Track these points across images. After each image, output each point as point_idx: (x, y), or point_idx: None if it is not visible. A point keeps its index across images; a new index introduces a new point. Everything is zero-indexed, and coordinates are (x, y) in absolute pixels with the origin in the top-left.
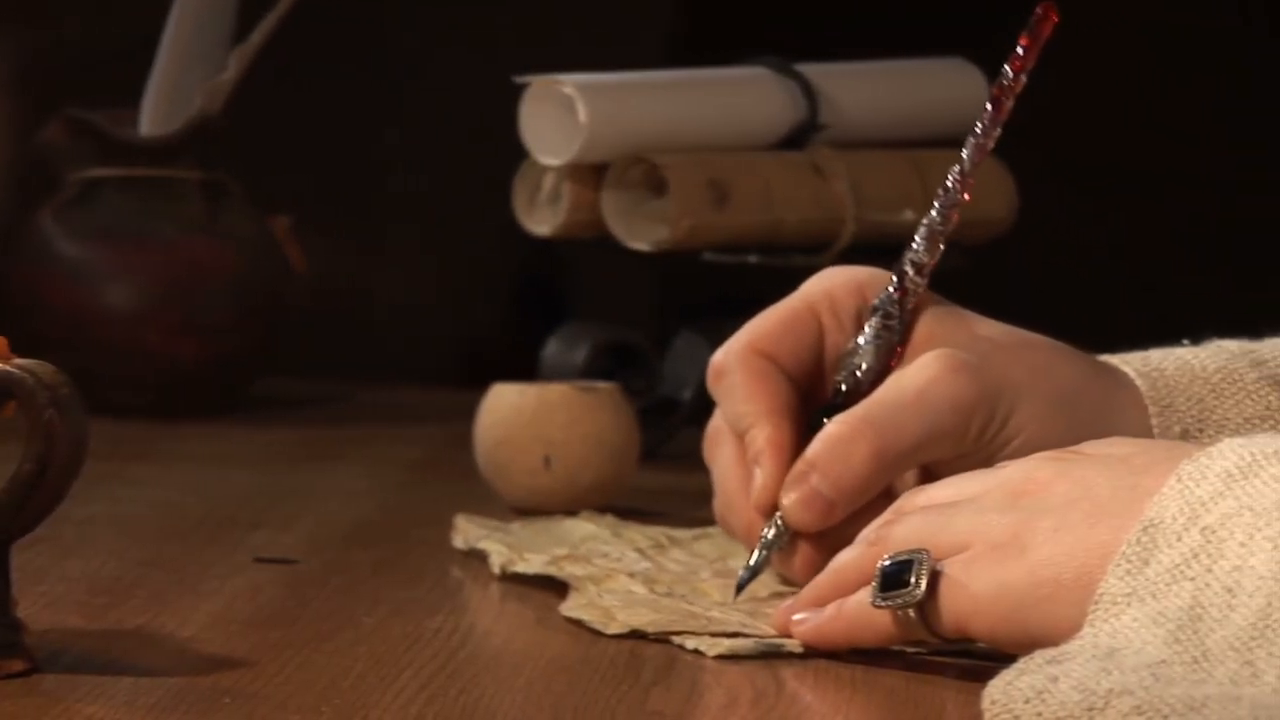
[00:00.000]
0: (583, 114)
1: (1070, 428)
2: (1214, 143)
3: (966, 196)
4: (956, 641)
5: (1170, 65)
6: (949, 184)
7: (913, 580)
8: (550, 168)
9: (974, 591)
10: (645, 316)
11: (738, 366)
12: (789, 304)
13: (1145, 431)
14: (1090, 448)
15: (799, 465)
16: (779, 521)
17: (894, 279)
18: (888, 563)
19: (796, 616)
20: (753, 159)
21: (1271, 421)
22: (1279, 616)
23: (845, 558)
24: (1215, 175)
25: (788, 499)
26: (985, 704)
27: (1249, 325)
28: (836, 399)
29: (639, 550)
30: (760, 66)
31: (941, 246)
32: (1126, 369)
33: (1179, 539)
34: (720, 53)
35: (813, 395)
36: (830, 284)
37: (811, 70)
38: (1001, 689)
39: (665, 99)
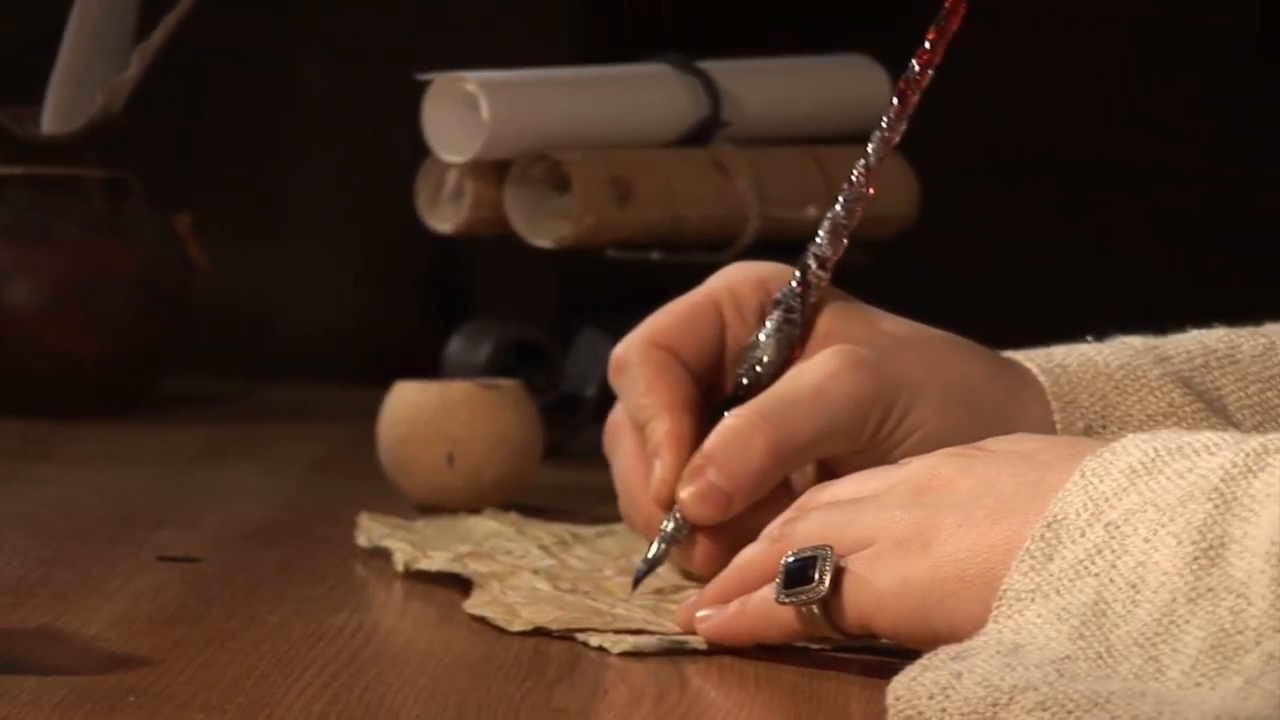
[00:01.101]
0: (485, 111)
1: (972, 423)
2: (1199, 138)
3: (871, 190)
4: (860, 638)
5: (1155, 61)
6: (854, 178)
7: (816, 577)
8: (453, 165)
9: (878, 588)
10: (548, 314)
11: (638, 359)
12: (691, 298)
13: (1048, 427)
14: (994, 444)
15: (696, 459)
16: (677, 515)
17: (796, 273)
18: (791, 559)
19: (700, 613)
20: (655, 156)
21: (1175, 418)
22: (1183, 612)
23: (748, 554)
24: (1200, 171)
25: (685, 493)
26: (889, 700)
27: (1229, 321)
28: (737, 393)
29: (543, 547)
30: (662, 64)
31: (845, 241)
32: (1030, 365)
33: (1083, 535)
34: (623, 50)
35: (714, 389)
36: (733, 279)
37: (714, 67)
38: (905, 685)
39: (568, 96)
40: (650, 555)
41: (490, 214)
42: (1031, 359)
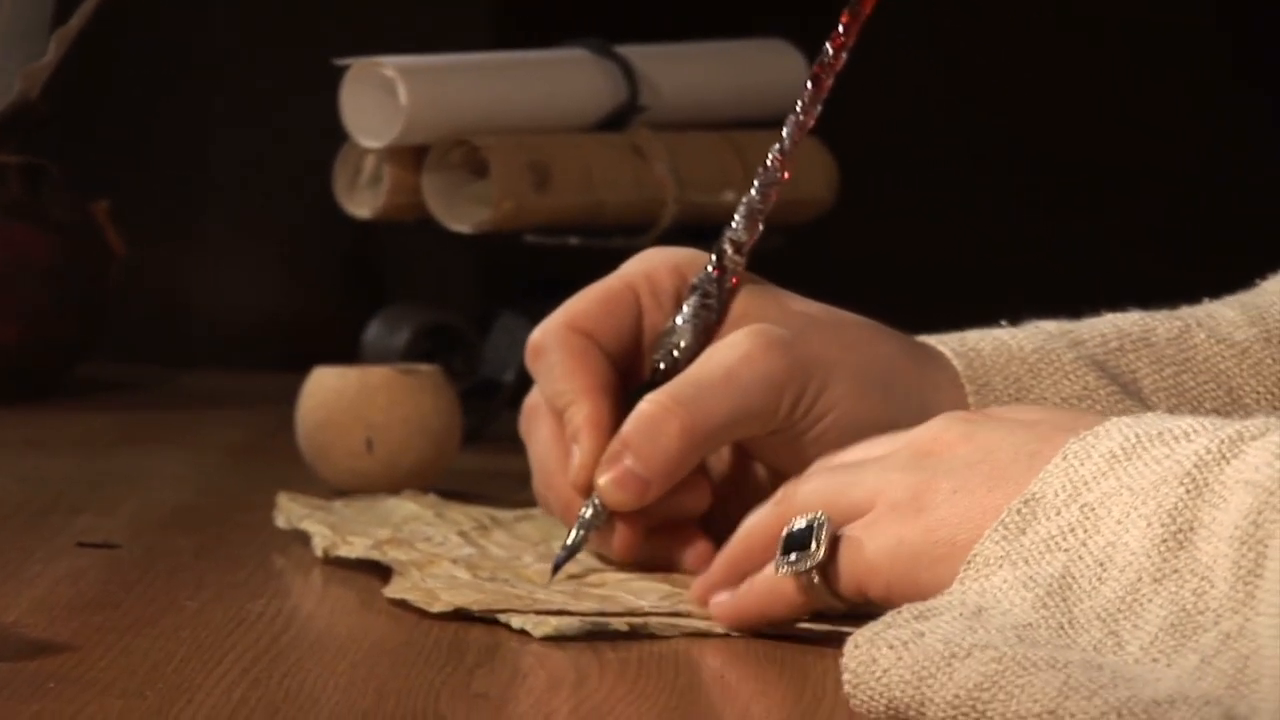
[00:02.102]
0: (403, 96)
1: (885, 405)
2: (1117, 121)
3: (786, 175)
4: (863, 607)
5: (1076, 45)
6: (768, 163)
7: (814, 544)
8: (371, 150)
9: (872, 550)
10: (467, 299)
11: (556, 344)
12: (608, 283)
13: (962, 410)
14: (1000, 410)
15: (613, 445)
16: (596, 501)
17: (712, 258)
18: (790, 530)
19: (715, 599)
20: (573, 141)
21: (1089, 401)
22: (1147, 591)
23: (752, 521)
24: (1117, 154)
25: (603, 479)
26: (847, 648)
27: (1143, 303)
28: (654, 378)
29: (462, 533)
30: (580, 49)
31: (760, 226)
32: (943, 349)
33: (1058, 513)
34: (541, 35)
35: (631, 374)
36: (649, 264)
37: (631, 52)
38: (867, 637)
39: (486, 81)
40: (569, 542)
41: (408, 199)
42: (945, 343)
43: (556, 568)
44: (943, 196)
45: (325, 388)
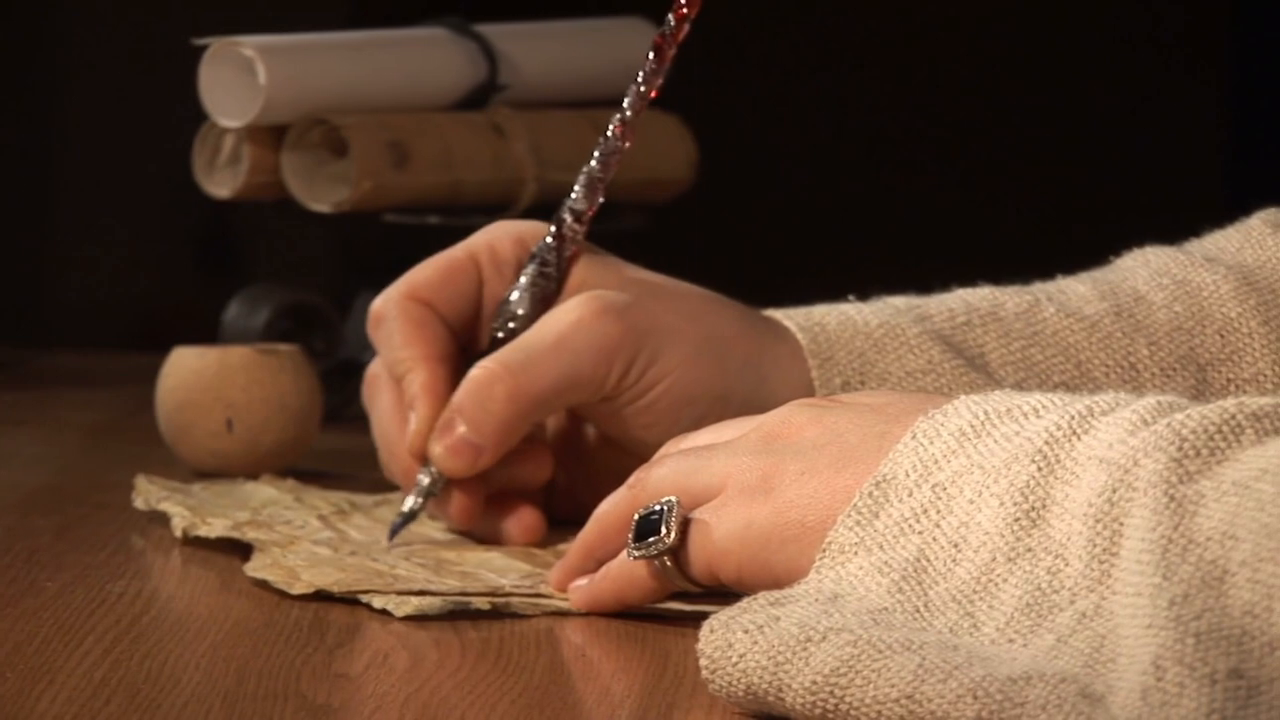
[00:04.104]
0: (262, 75)
1: (720, 375)
2: (977, 98)
3: (627, 144)
4: (718, 591)
5: (1005, 27)
6: (609, 132)
7: (664, 529)
8: (230, 130)
9: (721, 534)
10: (327, 278)
11: (395, 313)
12: (449, 253)
13: (804, 383)
14: (849, 396)
15: (446, 412)
16: (433, 468)
17: (552, 227)
18: (641, 515)
19: (574, 584)
20: (433, 120)
21: (934, 374)
22: (1001, 571)
23: (605, 506)
24: (981, 132)
25: (437, 447)
26: (703, 632)
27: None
28: (492, 346)
29: (321, 518)
30: (439, 27)
31: (601, 195)
32: (788, 323)
33: (910, 494)
34: (400, 13)
35: (472, 344)
36: (493, 235)
37: (491, 30)
38: (722, 622)
39: (345, 60)
40: (405, 509)
41: (268, 179)
42: (791, 317)
43: (393, 533)
44: (803, 176)
45: (185, 368)
